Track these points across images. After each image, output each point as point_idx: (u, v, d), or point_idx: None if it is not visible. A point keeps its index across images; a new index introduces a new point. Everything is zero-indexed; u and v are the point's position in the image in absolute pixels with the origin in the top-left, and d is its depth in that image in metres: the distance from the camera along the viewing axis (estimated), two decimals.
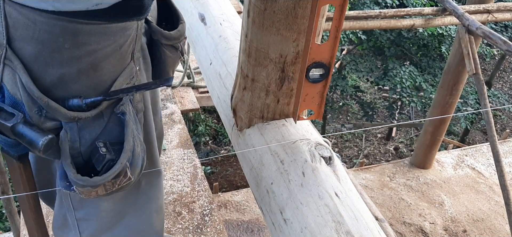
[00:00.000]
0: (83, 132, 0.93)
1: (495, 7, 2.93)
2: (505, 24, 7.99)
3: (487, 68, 11.30)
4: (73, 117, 0.89)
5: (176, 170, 2.71)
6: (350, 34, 6.96)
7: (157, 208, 1.28)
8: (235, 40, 1.36)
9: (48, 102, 0.85)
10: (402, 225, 3.84)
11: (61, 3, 0.78)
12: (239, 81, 1.08)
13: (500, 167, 2.49)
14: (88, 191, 0.92)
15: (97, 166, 0.93)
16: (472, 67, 2.59)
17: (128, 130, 0.96)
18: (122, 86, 0.95)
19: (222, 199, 3.72)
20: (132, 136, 0.97)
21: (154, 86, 0.98)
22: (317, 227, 0.82)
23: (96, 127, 0.95)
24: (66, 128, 0.91)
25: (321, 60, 0.90)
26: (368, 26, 2.76)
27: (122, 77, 0.95)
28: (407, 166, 4.51)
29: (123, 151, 0.94)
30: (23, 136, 0.84)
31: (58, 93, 0.87)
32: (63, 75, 0.86)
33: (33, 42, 0.82)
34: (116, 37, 0.89)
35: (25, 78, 0.83)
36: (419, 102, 6.99)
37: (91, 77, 0.89)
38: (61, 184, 0.93)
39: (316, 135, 1.06)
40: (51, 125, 0.89)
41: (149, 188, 1.21)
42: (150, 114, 1.18)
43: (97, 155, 0.94)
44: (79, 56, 0.85)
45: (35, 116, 0.86)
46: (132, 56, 0.97)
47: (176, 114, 3.19)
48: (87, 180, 0.90)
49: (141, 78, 1.05)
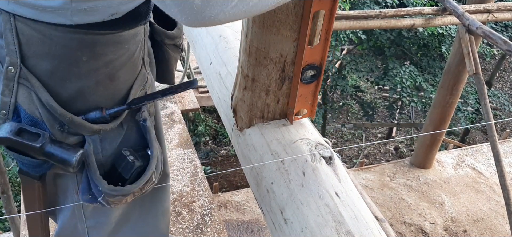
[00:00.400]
0: (104, 143, 0.93)
1: (495, 6, 2.93)
2: (505, 23, 7.99)
3: (487, 68, 11.30)
4: (97, 130, 0.89)
5: (176, 170, 2.71)
6: (350, 34, 6.96)
7: (164, 210, 1.28)
8: (235, 39, 1.36)
9: (72, 118, 0.84)
10: (402, 225, 3.84)
11: (78, 16, 0.77)
12: (240, 81, 1.08)
13: (500, 167, 2.49)
14: (119, 200, 0.92)
15: (125, 174, 0.93)
16: (472, 66, 2.59)
17: (151, 136, 0.97)
18: (137, 93, 0.95)
19: (222, 199, 3.72)
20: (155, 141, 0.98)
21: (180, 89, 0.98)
22: (318, 227, 0.82)
23: (116, 136, 0.95)
24: (89, 141, 0.90)
25: (313, 62, 0.94)
26: (368, 25, 2.76)
27: (136, 84, 0.95)
28: (407, 166, 4.51)
29: (152, 157, 0.96)
30: (53, 155, 0.82)
31: (76, 107, 0.87)
32: (81, 88, 0.85)
33: (49, 57, 0.80)
34: (129, 44, 0.89)
35: (46, 96, 0.82)
36: (419, 102, 6.99)
37: (108, 87, 0.89)
38: (84, 198, 0.92)
39: (316, 134, 1.06)
40: (74, 140, 0.88)
41: (156, 191, 1.21)
42: (160, 117, 1.19)
43: (124, 163, 0.93)
44: (97, 68, 0.85)
45: (57, 132, 0.85)
46: (142, 62, 0.98)
47: (176, 114, 3.19)
48: (121, 189, 0.90)
49: (151, 81, 1.05)
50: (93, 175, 0.90)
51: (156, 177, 0.98)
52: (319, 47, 0.92)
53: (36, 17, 0.76)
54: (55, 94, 0.83)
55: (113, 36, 0.84)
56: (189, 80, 0.94)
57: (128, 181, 0.93)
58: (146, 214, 1.21)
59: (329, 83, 8.04)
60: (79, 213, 1.08)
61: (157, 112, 1.14)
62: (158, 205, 1.25)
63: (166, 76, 1.18)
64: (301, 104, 1.03)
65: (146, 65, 1.00)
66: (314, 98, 1.03)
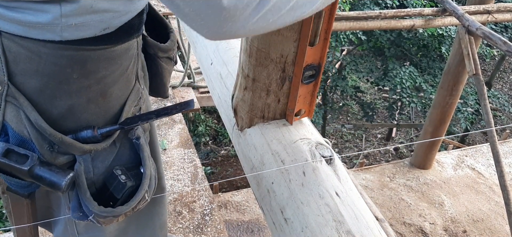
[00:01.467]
0: (96, 162, 0.90)
1: (495, 7, 2.93)
2: (505, 24, 7.99)
3: (487, 69, 11.30)
4: (89, 150, 0.86)
5: (177, 170, 2.71)
6: (350, 34, 6.96)
7: (161, 224, 1.26)
8: (236, 40, 1.36)
9: (62, 138, 0.81)
10: (402, 225, 3.84)
11: (69, 32, 0.74)
12: (240, 81, 1.08)
13: (500, 167, 2.49)
14: (109, 220, 0.89)
15: (116, 194, 0.90)
16: (472, 67, 2.60)
17: (145, 154, 0.94)
18: (131, 109, 0.92)
19: (222, 199, 3.72)
20: (148, 159, 0.95)
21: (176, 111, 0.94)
22: (318, 227, 0.83)
23: (108, 154, 0.92)
24: (80, 160, 0.87)
25: (312, 62, 0.95)
26: (368, 26, 2.76)
27: (130, 100, 0.92)
28: (407, 167, 4.51)
29: (144, 177, 0.92)
30: (42, 178, 0.79)
31: (66, 125, 0.83)
32: (71, 106, 0.82)
33: (38, 75, 0.77)
34: (122, 59, 0.86)
35: (34, 116, 0.78)
36: (419, 102, 6.99)
37: (100, 104, 0.86)
38: (75, 216, 0.89)
39: (316, 134, 1.07)
40: (64, 160, 0.85)
41: (153, 205, 1.18)
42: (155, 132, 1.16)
43: (115, 183, 0.90)
44: (88, 85, 0.81)
45: (46, 153, 0.82)
46: (136, 76, 0.94)
47: (176, 114, 3.19)
48: (112, 211, 0.87)
49: (146, 96, 1.02)
50: (83, 196, 0.87)
51: (149, 195, 0.95)
52: (318, 47, 0.92)
53: (24, 33, 0.73)
54: (45, 112, 0.80)
55: (105, 51, 0.81)
56: (185, 101, 0.91)
57: (119, 200, 0.90)
58: (143, 229, 1.18)
59: (329, 84, 8.04)
60: (72, 228, 1.06)
61: (152, 127, 1.10)
62: (155, 219, 1.22)
63: (159, 89, 1.13)
64: (300, 104, 1.04)
65: (140, 79, 0.96)
66: (312, 97, 1.03)
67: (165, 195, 1.26)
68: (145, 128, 0.99)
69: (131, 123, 0.90)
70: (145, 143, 0.96)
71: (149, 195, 0.94)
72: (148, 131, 1.02)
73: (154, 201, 1.18)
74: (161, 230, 1.27)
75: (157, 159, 1.15)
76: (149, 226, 1.20)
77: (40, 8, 0.70)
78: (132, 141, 0.95)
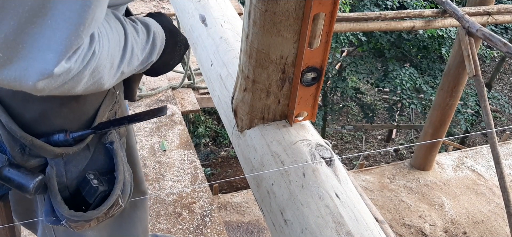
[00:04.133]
0: (69, 166, 0.89)
1: (495, 9, 2.93)
2: (505, 26, 7.99)
3: (487, 70, 11.30)
4: (60, 154, 0.85)
5: (177, 171, 2.71)
6: (350, 35, 6.96)
7: (143, 229, 1.25)
8: (236, 41, 1.36)
9: (33, 140, 0.81)
10: (402, 227, 3.84)
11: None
12: (240, 82, 1.08)
13: (500, 169, 2.49)
14: (81, 225, 0.88)
15: (88, 198, 0.90)
16: (472, 69, 2.60)
17: (118, 159, 0.93)
18: (105, 114, 0.92)
19: (222, 200, 3.72)
20: (122, 164, 0.94)
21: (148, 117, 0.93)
22: (318, 228, 0.82)
23: (82, 159, 0.91)
24: (52, 164, 0.86)
25: (313, 65, 0.94)
26: (368, 28, 2.76)
27: (104, 105, 0.91)
28: (407, 168, 4.51)
29: (116, 182, 0.92)
30: (10, 180, 0.79)
31: (39, 129, 0.83)
32: (44, 110, 0.82)
33: None
34: None
35: (5, 118, 0.78)
36: (419, 104, 6.99)
37: (74, 109, 0.86)
38: (48, 220, 0.88)
39: (316, 136, 1.07)
40: (35, 163, 0.85)
41: (134, 210, 1.18)
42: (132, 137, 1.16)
43: (87, 187, 0.90)
44: None
45: (17, 155, 0.82)
46: None
47: (176, 115, 3.19)
48: (82, 215, 0.87)
49: (121, 101, 1.01)
50: (54, 199, 0.86)
51: (124, 201, 0.94)
52: (319, 50, 0.92)
53: None
54: (17, 115, 0.80)
55: None
56: (158, 107, 0.90)
57: (92, 205, 0.90)
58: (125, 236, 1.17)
59: (329, 85, 8.05)
60: (50, 233, 1.05)
61: (129, 132, 1.09)
62: (138, 225, 1.21)
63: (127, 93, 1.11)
64: (302, 106, 1.03)
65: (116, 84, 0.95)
66: (314, 100, 1.03)
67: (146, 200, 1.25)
68: (121, 133, 0.99)
69: (103, 127, 0.89)
70: (119, 148, 0.96)
71: (123, 200, 0.93)
72: (124, 137, 1.01)
73: (135, 206, 1.18)
74: (144, 235, 1.26)
75: (135, 164, 1.14)
76: (131, 233, 1.19)
77: None
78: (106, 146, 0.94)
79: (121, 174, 0.93)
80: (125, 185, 0.94)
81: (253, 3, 0.92)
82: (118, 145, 0.95)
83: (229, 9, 1.57)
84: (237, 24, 1.48)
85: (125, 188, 0.94)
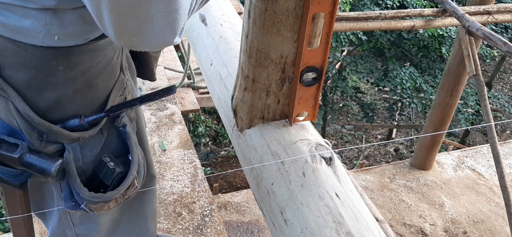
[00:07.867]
0: (84, 151, 0.93)
1: (495, 8, 2.93)
2: (506, 25, 7.99)
3: (487, 70, 11.29)
4: (76, 138, 0.89)
5: (176, 171, 2.71)
6: (351, 35, 6.96)
7: (152, 211, 1.29)
8: (235, 40, 1.36)
9: (50, 126, 0.84)
10: (402, 227, 3.84)
11: (50, 39, 0.77)
12: (240, 82, 1.08)
13: (500, 168, 2.49)
14: (100, 206, 0.92)
15: (106, 180, 0.93)
16: (472, 68, 2.59)
17: (132, 141, 0.97)
18: (116, 99, 0.95)
19: (222, 200, 3.72)
20: (136, 146, 0.97)
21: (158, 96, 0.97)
22: (318, 228, 0.82)
23: (96, 143, 0.95)
24: (69, 148, 0.90)
25: (313, 65, 0.94)
26: (369, 27, 2.76)
27: (115, 90, 0.95)
28: (407, 168, 4.51)
29: (132, 163, 0.95)
30: (32, 165, 0.82)
31: (54, 116, 0.86)
32: (59, 97, 0.85)
33: (25, 68, 0.80)
34: (106, 51, 0.89)
35: (22, 106, 0.81)
36: (419, 103, 6.99)
37: (86, 95, 0.89)
38: (67, 205, 0.91)
39: (316, 135, 1.06)
40: (53, 148, 0.88)
41: (143, 193, 1.21)
42: (142, 122, 1.19)
43: (104, 170, 0.93)
44: (74, 76, 0.84)
45: (36, 142, 0.85)
46: (121, 67, 0.97)
47: (176, 115, 3.19)
48: (102, 196, 0.90)
49: (131, 86, 1.05)
50: (73, 183, 0.89)
51: (139, 182, 0.98)
52: (319, 50, 0.92)
53: (9, 35, 0.76)
54: (33, 104, 0.83)
55: (88, 45, 0.84)
56: (167, 86, 0.93)
57: (109, 187, 0.93)
58: (135, 218, 1.21)
59: (329, 84, 8.05)
60: (66, 220, 1.08)
61: (139, 116, 1.13)
62: (147, 207, 1.25)
63: (146, 74, 1.18)
64: (302, 106, 1.03)
65: (125, 70, 1.00)
66: (315, 101, 1.03)
67: (155, 182, 1.29)
68: (131, 118, 1.02)
69: (116, 110, 0.93)
70: (131, 131, 0.99)
71: (138, 181, 0.97)
72: (134, 121, 1.05)
73: (144, 189, 1.21)
74: (152, 218, 1.30)
75: (144, 148, 1.17)
76: (141, 215, 1.23)
77: (25, 14, 0.73)
78: (119, 130, 0.98)
79: (136, 156, 0.96)
80: (139, 166, 0.98)
81: (253, 3, 0.92)
82: (130, 128, 0.98)
83: (229, 8, 1.57)
84: (237, 24, 1.48)
85: (139, 169, 0.98)
